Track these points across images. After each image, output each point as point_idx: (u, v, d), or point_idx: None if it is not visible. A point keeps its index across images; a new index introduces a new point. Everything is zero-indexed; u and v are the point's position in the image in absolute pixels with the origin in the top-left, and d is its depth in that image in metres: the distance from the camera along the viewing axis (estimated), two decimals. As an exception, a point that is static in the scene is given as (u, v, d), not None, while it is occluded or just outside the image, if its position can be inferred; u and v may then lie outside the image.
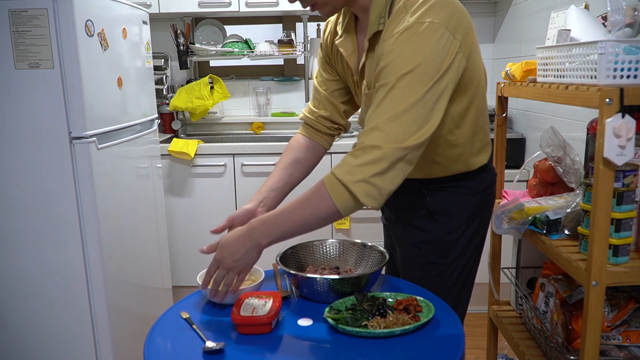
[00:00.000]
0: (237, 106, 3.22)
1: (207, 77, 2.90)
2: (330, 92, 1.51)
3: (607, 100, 1.04)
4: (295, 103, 3.21)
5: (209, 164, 2.63)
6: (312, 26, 3.13)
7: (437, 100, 1.11)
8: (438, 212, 1.38)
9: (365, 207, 1.13)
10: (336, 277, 1.29)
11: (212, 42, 3.10)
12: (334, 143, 2.66)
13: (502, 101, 1.65)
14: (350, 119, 2.07)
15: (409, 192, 1.39)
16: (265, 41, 3.03)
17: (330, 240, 1.56)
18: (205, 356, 1.11)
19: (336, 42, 1.37)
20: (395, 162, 1.09)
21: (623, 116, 1.04)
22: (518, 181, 1.74)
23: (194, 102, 2.84)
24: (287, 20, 3.22)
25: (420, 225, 1.41)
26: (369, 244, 1.51)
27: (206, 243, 2.90)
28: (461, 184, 1.36)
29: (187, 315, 1.29)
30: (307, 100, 3.17)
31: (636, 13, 1.17)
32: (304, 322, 1.25)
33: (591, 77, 1.12)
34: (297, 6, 2.78)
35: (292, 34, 3.02)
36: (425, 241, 1.40)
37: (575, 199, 1.35)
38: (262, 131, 3.12)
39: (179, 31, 2.90)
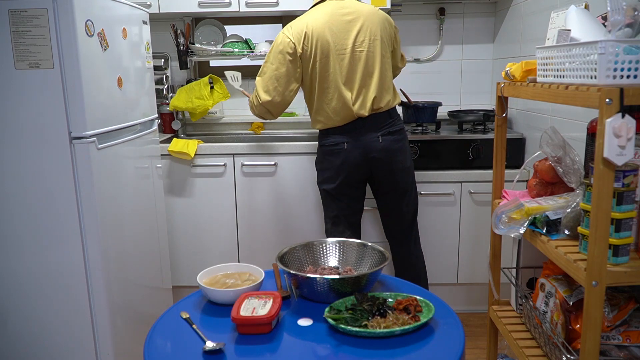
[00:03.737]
0: (237, 106, 3.22)
1: (207, 77, 2.90)
2: None
3: (607, 100, 1.04)
4: (295, 103, 3.19)
5: (209, 164, 2.63)
6: (312, 26, 3.13)
7: None
8: None
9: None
10: (336, 277, 1.30)
11: (212, 42, 3.10)
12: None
13: (502, 101, 1.65)
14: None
15: None
16: (265, 41, 3.03)
17: (330, 240, 1.56)
18: (205, 356, 1.11)
19: None
20: None
21: (623, 116, 1.04)
22: (518, 181, 1.74)
23: (194, 102, 2.84)
24: (287, 20, 3.21)
25: None
26: (369, 244, 1.52)
27: (206, 243, 2.91)
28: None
29: (187, 315, 1.29)
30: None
31: (636, 13, 1.17)
32: (304, 322, 1.25)
33: (591, 77, 1.12)
34: (297, 6, 2.80)
35: (292, 34, 3.02)
36: None
37: (575, 199, 1.35)
38: (262, 131, 3.12)
39: (179, 31, 2.90)
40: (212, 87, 2.91)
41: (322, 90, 2.13)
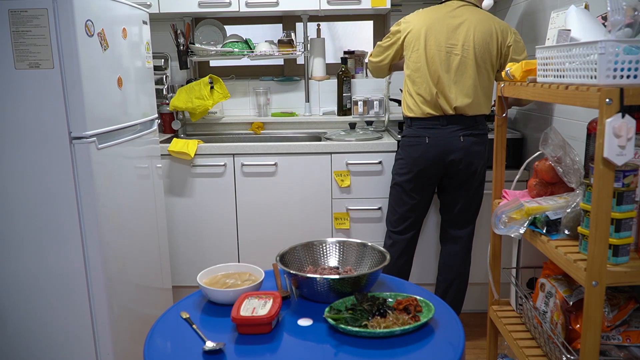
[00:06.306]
0: (237, 106, 3.22)
1: (207, 77, 2.90)
2: None
3: (607, 100, 1.04)
4: (295, 103, 3.21)
5: (209, 164, 2.63)
6: (312, 26, 3.13)
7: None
8: None
9: None
10: (336, 277, 1.30)
11: (212, 42, 3.10)
12: (337, 143, 2.67)
13: (502, 101, 1.65)
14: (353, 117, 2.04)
15: None
16: (265, 41, 3.03)
17: (330, 240, 1.56)
18: (205, 356, 1.11)
19: None
20: None
21: (623, 116, 1.04)
22: (518, 181, 1.74)
23: (194, 102, 2.84)
24: (287, 20, 3.22)
25: None
26: (369, 244, 1.52)
27: (206, 243, 2.90)
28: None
29: (187, 315, 1.29)
30: (307, 100, 3.17)
31: (636, 13, 1.17)
32: (304, 322, 1.25)
33: (591, 77, 1.12)
34: (297, 6, 2.80)
35: (292, 34, 3.02)
36: None
37: (575, 199, 1.35)
38: (262, 131, 3.12)
39: (179, 31, 2.90)
40: (212, 87, 2.91)
41: (412, 79, 2.28)
